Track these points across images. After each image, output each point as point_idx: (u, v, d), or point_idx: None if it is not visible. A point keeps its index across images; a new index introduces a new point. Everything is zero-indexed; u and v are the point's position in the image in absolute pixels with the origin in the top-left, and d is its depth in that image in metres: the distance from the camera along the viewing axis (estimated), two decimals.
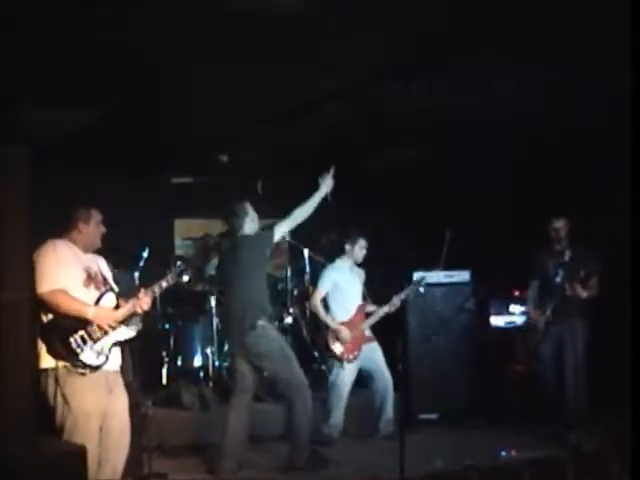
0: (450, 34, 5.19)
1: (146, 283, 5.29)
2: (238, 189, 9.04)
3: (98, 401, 4.84)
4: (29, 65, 5.25)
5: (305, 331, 8.26)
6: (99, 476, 4.80)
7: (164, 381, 7.76)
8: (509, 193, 8.28)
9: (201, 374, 7.79)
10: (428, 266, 7.95)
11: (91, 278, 5.01)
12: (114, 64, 5.44)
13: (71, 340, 4.76)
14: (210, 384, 7.66)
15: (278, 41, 5.21)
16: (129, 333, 5.08)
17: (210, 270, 8.33)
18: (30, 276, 4.23)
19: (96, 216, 5.13)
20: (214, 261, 8.34)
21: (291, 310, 8.27)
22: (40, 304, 4.72)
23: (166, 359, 7.84)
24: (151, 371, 7.55)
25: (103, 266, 5.23)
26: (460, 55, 5.55)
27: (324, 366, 7.67)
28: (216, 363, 7.81)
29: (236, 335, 6.19)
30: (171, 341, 7.88)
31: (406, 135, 7.92)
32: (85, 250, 5.08)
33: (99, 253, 5.27)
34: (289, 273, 8.48)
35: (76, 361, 4.75)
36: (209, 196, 9.15)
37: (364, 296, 7.35)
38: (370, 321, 7.27)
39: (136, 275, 7.37)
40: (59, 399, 4.73)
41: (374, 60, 5.70)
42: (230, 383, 7.22)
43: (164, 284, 5.23)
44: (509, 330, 8.14)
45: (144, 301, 5.06)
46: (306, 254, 8.51)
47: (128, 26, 4.85)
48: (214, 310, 7.87)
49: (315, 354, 8.11)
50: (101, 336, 4.88)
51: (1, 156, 4.13)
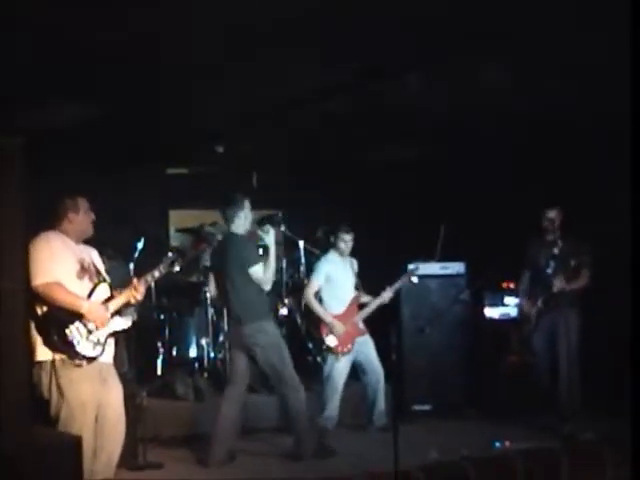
0: (449, 30, 5.19)
1: (141, 273, 5.31)
2: (233, 180, 9.07)
3: (93, 392, 4.85)
4: (24, 58, 5.24)
5: (300, 322, 8.27)
6: (94, 466, 4.82)
7: (159, 372, 7.76)
8: (504, 185, 8.28)
9: (196, 365, 7.79)
10: (424, 257, 7.96)
11: (85, 269, 5.01)
12: (110, 57, 5.42)
13: (67, 332, 4.77)
14: (205, 375, 7.66)
15: (277, 37, 5.22)
16: (125, 323, 5.10)
17: (205, 261, 8.34)
18: (25, 268, 4.23)
19: (83, 204, 5.12)
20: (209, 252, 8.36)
21: (286, 301, 8.28)
22: (35, 297, 4.72)
23: (161, 350, 7.83)
24: (146, 362, 7.57)
25: (96, 257, 5.23)
26: (458, 53, 5.57)
27: (319, 358, 7.68)
28: (211, 354, 7.82)
29: (233, 326, 6.25)
30: (166, 332, 7.87)
31: (403, 130, 7.92)
32: (77, 240, 5.09)
33: (93, 243, 5.28)
34: (284, 264, 8.47)
35: (73, 353, 4.76)
36: (204, 187, 9.15)
37: (357, 287, 7.36)
38: (363, 314, 7.27)
39: (131, 266, 7.37)
40: (54, 390, 4.74)
41: (373, 55, 5.70)
42: (224, 374, 7.26)
43: (156, 274, 5.26)
44: (503, 322, 8.16)
45: (138, 291, 5.07)
46: (301, 246, 8.51)
47: (128, 20, 4.84)
48: (209, 301, 7.87)
49: (310, 346, 8.12)
50: (97, 328, 4.89)
51: None
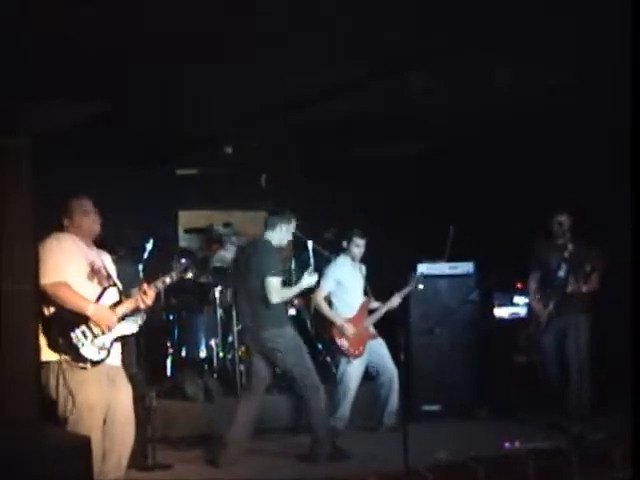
0: (451, 31, 5.20)
1: (150, 274, 5.25)
2: (242, 181, 9.09)
3: (101, 393, 4.83)
4: (30, 57, 5.25)
5: (309, 323, 8.27)
6: (104, 468, 4.81)
7: (168, 373, 7.77)
8: (513, 185, 8.27)
9: (205, 366, 7.79)
10: (432, 257, 7.96)
11: (95, 272, 4.98)
12: (119, 57, 5.44)
13: (72, 335, 4.75)
14: (214, 376, 7.66)
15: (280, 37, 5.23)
16: (131, 328, 5.05)
17: (215, 262, 8.34)
18: (34, 268, 4.24)
19: (78, 207, 5.05)
20: (220, 253, 8.36)
21: (295, 302, 8.27)
22: (42, 297, 4.69)
23: (170, 350, 7.84)
24: (155, 362, 7.56)
25: (108, 262, 5.20)
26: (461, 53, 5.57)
27: (328, 358, 7.68)
28: (220, 355, 7.82)
29: (252, 332, 6.25)
30: (175, 332, 7.88)
31: (410, 128, 7.91)
32: (88, 242, 5.06)
33: (103, 244, 5.27)
34: (293, 266, 8.47)
35: (76, 356, 4.74)
36: (214, 188, 9.17)
37: (366, 292, 7.36)
38: (372, 319, 7.28)
39: (140, 267, 7.38)
40: (62, 392, 4.71)
41: (378, 54, 5.70)
42: (234, 375, 7.27)
43: (167, 280, 5.18)
44: (513, 321, 8.14)
45: (147, 296, 5.01)
46: (310, 247, 8.50)
47: (137, 20, 4.85)
48: (218, 302, 7.87)
49: (319, 346, 8.12)
50: (102, 332, 4.86)
51: (5, 148, 4.14)
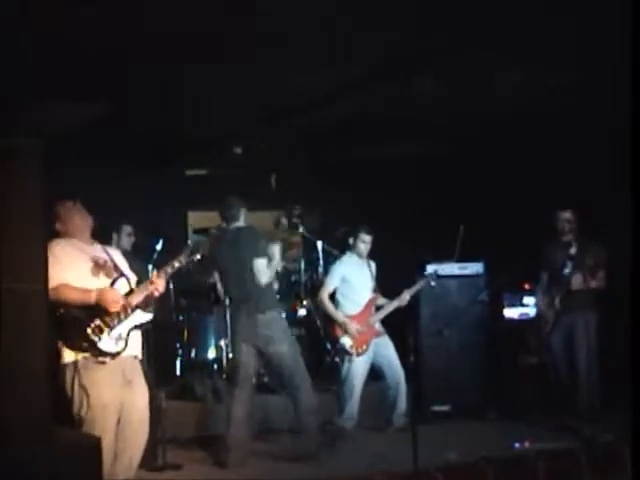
0: (451, 31, 5.19)
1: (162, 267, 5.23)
2: (252, 182, 9.09)
3: (115, 393, 4.84)
4: (41, 59, 5.26)
5: (319, 323, 8.27)
6: (116, 468, 4.83)
7: (178, 373, 7.79)
8: (522, 185, 8.26)
9: (215, 366, 7.81)
10: (442, 258, 7.95)
11: (100, 266, 4.97)
12: (128, 57, 5.45)
13: (88, 331, 4.77)
14: (224, 376, 7.66)
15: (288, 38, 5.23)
16: (146, 317, 5.05)
17: None
18: (45, 268, 4.24)
19: (69, 204, 5.06)
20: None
21: (305, 302, 8.27)
22: (52, 302, 4.65)
23: (180, 351, 7.86)
24: (165, 363, 7.56)
25: (116, 256, 5.20)
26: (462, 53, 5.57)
27: (337, 358, 7.68)
28: (230, 355, 7.82)
29: (245, 317, 6.26)
30: (185, 333, 7.89)
31: (422, 130, 7.91)
32: (86, 239, 5.08)
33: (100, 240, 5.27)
34: (302, 265, 8.47)
35: (96, 350, 4.76)
36: (223, 188, 9.16)
37: (374, 289, 7.34)
38: (379, 315, 7.26)
39: (149, 267, 7.38)
40: (77, 391, 4.75)
41: (381, 55, 5.70)
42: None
43: (176, 264, 5.17)
44: (522, 322, 8.13)
45: (158, 283, 5.01)
46: (319, 246, 8.50)
47: (145, 20, 4.86)
48: (227, 302, 7.88)
49: (328, 346, 8.11)
50: (117, 323, 4.87)
51: (15, 150, 4.15)
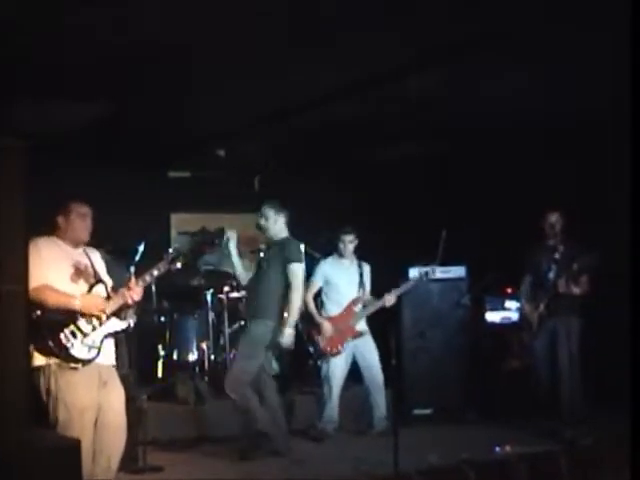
0: (452, 32, 5.21)
1: (141, 275, 5.20)
2: (235, 184, 9.09)
3: (91, 395, 4.81)
4: (27, 59, 5.24)
5: (299, 326, 8.26)
6: (94, 469, 4.80)
7: (160, 375, 7.76)
8: (506, 189, 8.29)
9: (197, 368, 7.79)
10: (425, 261, 7.96)
11: (80, 272, 4.94)
12: (112, 59, 5.43)
13: (61, 336, 4.72)
14: (205, 378, 7.66)
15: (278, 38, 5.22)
16: (120, 325, 5.01)
17: (205, 265, 8.33)
18: (25, 269, 4.21)
19: (77, 209, 5.01)
20: (212, 255, 8.34)
21: None
22: (29, 303, 4.59)
23: (162, 353, 7.83)
24: (147, 365, 7.55)
25: (96, 259, 5.15)
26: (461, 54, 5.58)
27: (320, 361, 7.67)
28: (212, 357, 7.81)
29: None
30: (167, 335, 7.87)
31: (405, 132, 7.93)
32: (74, 244, 5.02)
33: (95, 246, 5.23)
34: None
35: (68, 356, 4.71)
36: (206, 190, 9.16)
37: (361, 290, 7.33)
38: (361, 315, 7.25)
39: (132, 269, 7.35)
40: (52, 395, 4.71)
41: (376, 57, 5.71)
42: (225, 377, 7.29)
43: (155, 272, 5.15)
44: (504, 326, 8.15)
45: (135, 291, 4.97)
46: (302, 250, 8.48)
47: (129, 22, 4.84)
48: (210, 304, 7.86)
49: (310, 350, 8.11)
50: (91, 330, 4.84)
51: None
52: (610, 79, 5.48)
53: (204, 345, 7.82)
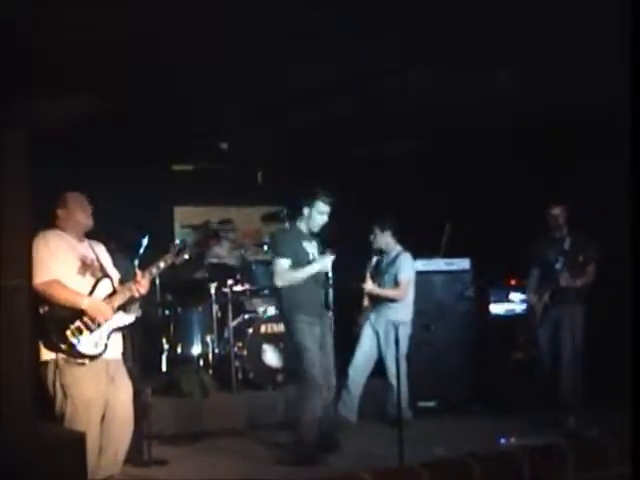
0: (451, 29, 5.19)
1: (145, 268, 5.17)
2: (238, 177, 9.07)
3: (98, 390, 4.82)
4: (28, 53, 5.23)
5: None
6: (100, 464, 4.81)
7: (164, 368, 7.76)
8: (510, 181, 8.27)
9: (201, 362, 7.79)
10: (429, 253, 7.96)
11: (87, 266, 4.95)
12: (114, 53, 5.42)
13: (67, 332, 4.73)
14: (210, 372, 7.66)
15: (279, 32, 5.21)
16: (127, 319, 5.03)
17: (210, 258, 8.32)
18: (29, 264, 4.22)
19: (76, 199, 5.02)
20: (215, 249, 8.34)
21: None
22: (36, 297, 4.66)
23: (166, 346, 7.83)
24: (151, 359, 7.56)
25: (101, 252, 5.16)
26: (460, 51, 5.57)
27: None
28: (216, 351, 7.81)
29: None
30: (171, 328, 7.87)
31: (406, 125, 7.91)
32: (78, 236, 5.02)
33: (99, 239, 5.23)
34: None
35: (74, 352, 4.72)
36: (209, 184, 9.15)
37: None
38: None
39: (136, 263, 7.35)
40: (58, 389, 4.72)
41: (375, 53, 5.69)
42: (229, 371, 7.29)
43: (162, 265, 5.13)
44: (509, 318, 8.14)
45: (141, 284, 4.96)
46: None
47: (130, 18, 4.83)
48: (214, 298, 7.86)
49: None
50: (98, 326, 4.84)
51: (2, 144, 4.13)
52: (614, 71, 5.47)
53: (208, 338, 7.82)
